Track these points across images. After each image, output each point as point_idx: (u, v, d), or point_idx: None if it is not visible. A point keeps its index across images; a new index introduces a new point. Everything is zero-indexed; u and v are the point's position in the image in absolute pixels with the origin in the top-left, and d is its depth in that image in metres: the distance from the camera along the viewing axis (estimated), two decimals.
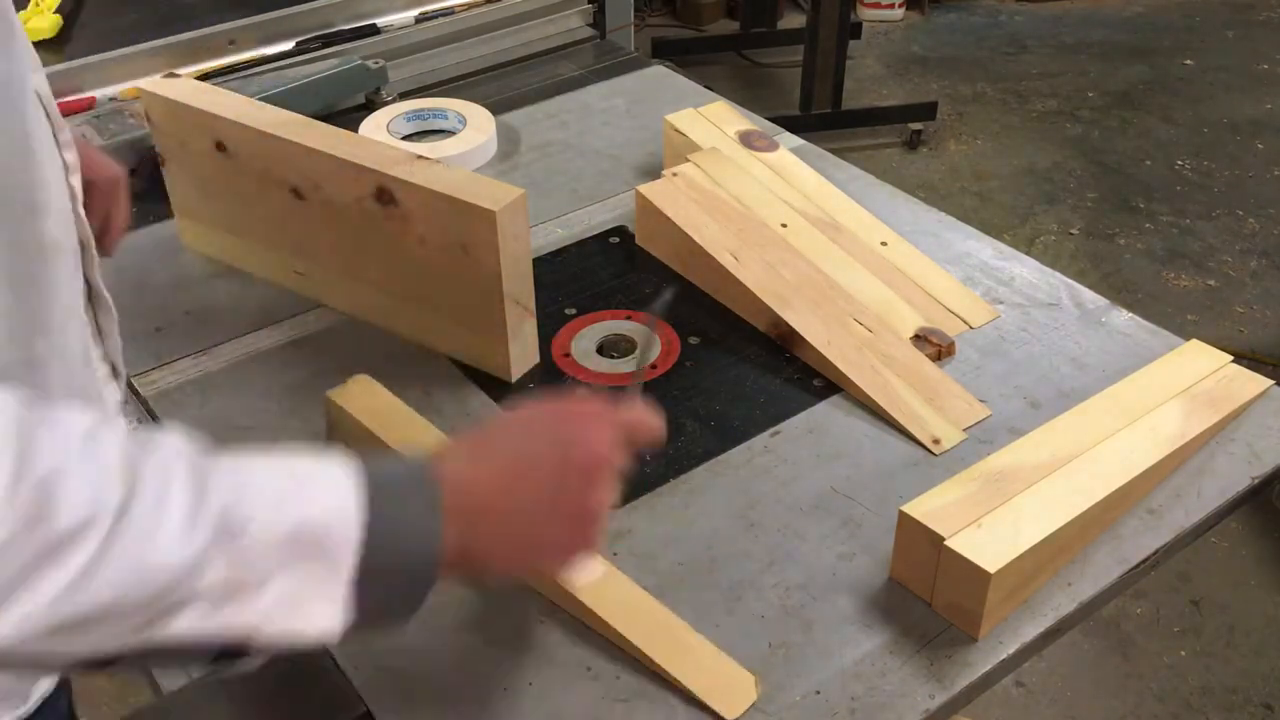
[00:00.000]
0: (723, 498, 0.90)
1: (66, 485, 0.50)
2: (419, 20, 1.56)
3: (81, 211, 0.76)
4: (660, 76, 1.54)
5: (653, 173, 1.27)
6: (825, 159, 1.33)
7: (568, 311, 1.10)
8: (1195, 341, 1.01)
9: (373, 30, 1.53)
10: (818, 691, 0.76)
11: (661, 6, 4.26)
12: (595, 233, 1.22)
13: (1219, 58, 3.95)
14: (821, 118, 3.34)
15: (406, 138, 1.36)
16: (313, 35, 1.50)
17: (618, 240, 1.21)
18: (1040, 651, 0.83)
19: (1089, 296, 1.11)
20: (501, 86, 1.54)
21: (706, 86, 1.51)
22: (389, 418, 0.91)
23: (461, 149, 1.32)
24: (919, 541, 0.79)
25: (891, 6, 4.19)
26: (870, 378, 0.99)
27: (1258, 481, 0.92)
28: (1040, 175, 3.31)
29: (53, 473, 0.50)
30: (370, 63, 1.44)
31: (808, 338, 1.02)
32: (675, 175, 1.18)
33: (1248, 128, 3.53)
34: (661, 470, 0.93)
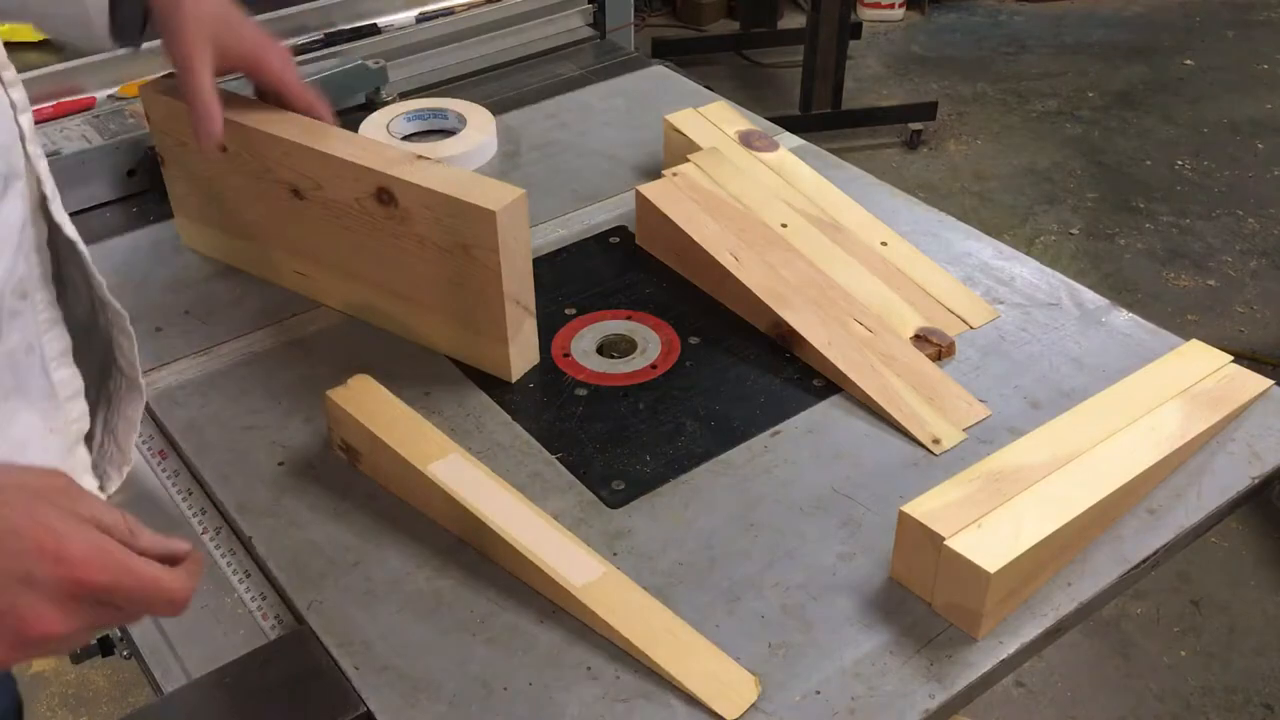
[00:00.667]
0: (723, 498, 0.90)
1: None
2: (419, 20, 1.56)
3: (35, 150, 0.74)
4: (660, 76, 1.54)
5: (653, 173, 1.27)
6: (825, 159, 1.33)
7: (568, 311, 1.10)
8: (1195, 341, 1.01)
9: (373, 30, 1.53)
10: (818, 691, 0.76)
11: (661, 6, 4.26)
12: (595, 233, 1.22)
13: (1219, 58, 3.95)
14: (821, 118, 3.35)
15: (407, 138, 1.36)
16: (313, 35, 1.50)
17: (618, 240, 1.21)
18: (1040, 651, 0.83)
19: (1089, 296, 1.12)
20: (501, 86, 1.54)
21: (706, 86, 1.51)
22: (389, 417, 0.91)
23: (461, 149, 1.32)
24: (919, 541, 0.79)
25: (891, 6, 4.19)
26: (870, 378, 0.99)
27: (1258, 481, 0.92)
28: (1040, 175, 3.31)
29: None
30: (370, 63, 1.44)
31: (808, 338, 1.02)
32: (675, 175, 1.18)
33: (1248, 128, 3.53)
34: (661, 470, 0.93)
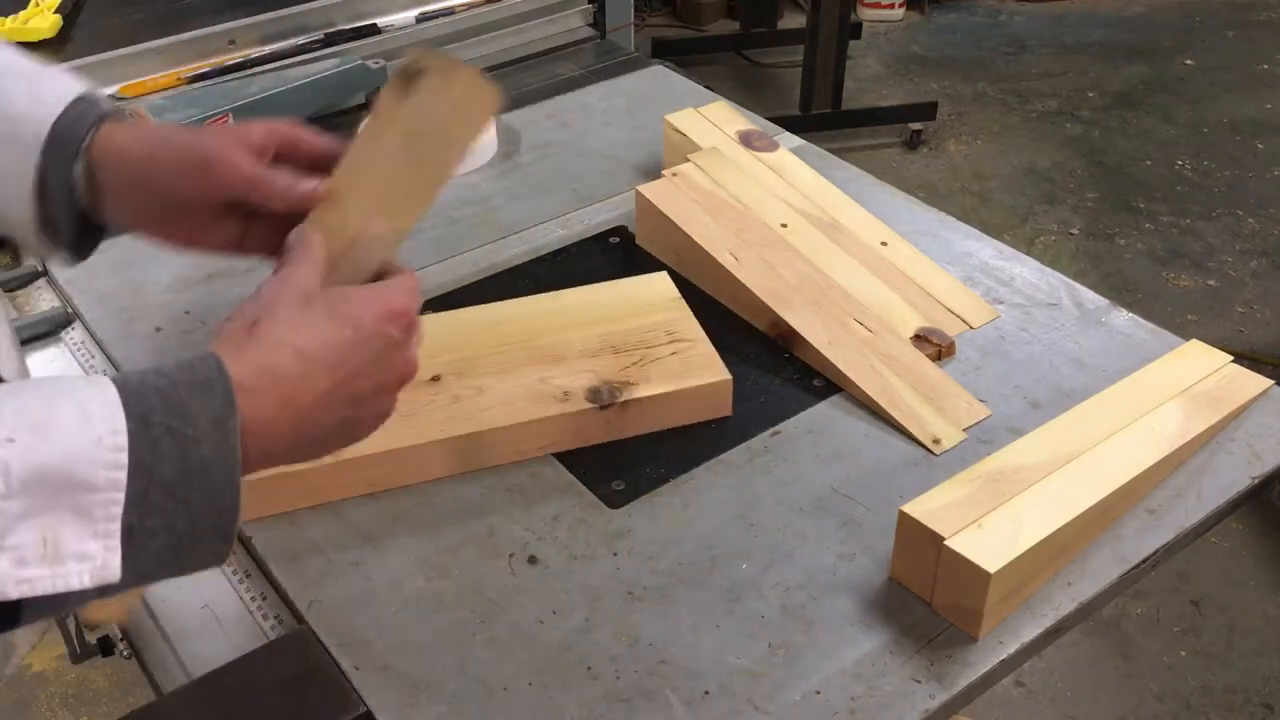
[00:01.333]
0: (723, 498, 0.90)
1: None
2: (419, 20, 1.56)
3: None
4: (660, 76, 1.54)
5: (653, 173, 1.27)
6: (825, 159, 1.33)
7: None
8: (1195, 341, 1.01)
9: (373, 30, 1.53)
10: (818, 691, 0.76)
11: (661, 6, 4.26)
12: (595, 233, 1.22)
13: (1219, 58, 3.95)
14: (821, 118, 3.35)
15: None
16: (313, 35, 1.50)
17: (618, 240, 1.21)
18: (1040, 651, 0.83)
19: (1089, 296, 1.11)
20: (501, 86, 1.53)
21: (706, 86, 1.51)
22: None
23: None
24: (919, 541, 0.79)
25: (891, 6, 4.19)
26: (870, 378, 0.99)
27: (1258, 481, 0.92)
28: (1040, 175, 3.31)
29: None
30: (370, 63, 1.44)
31: (808, 338, 1.02)
32: (675, 175, 1.18)
33: (1248, 128, 3.53)
34: (661, 470, 0.93)
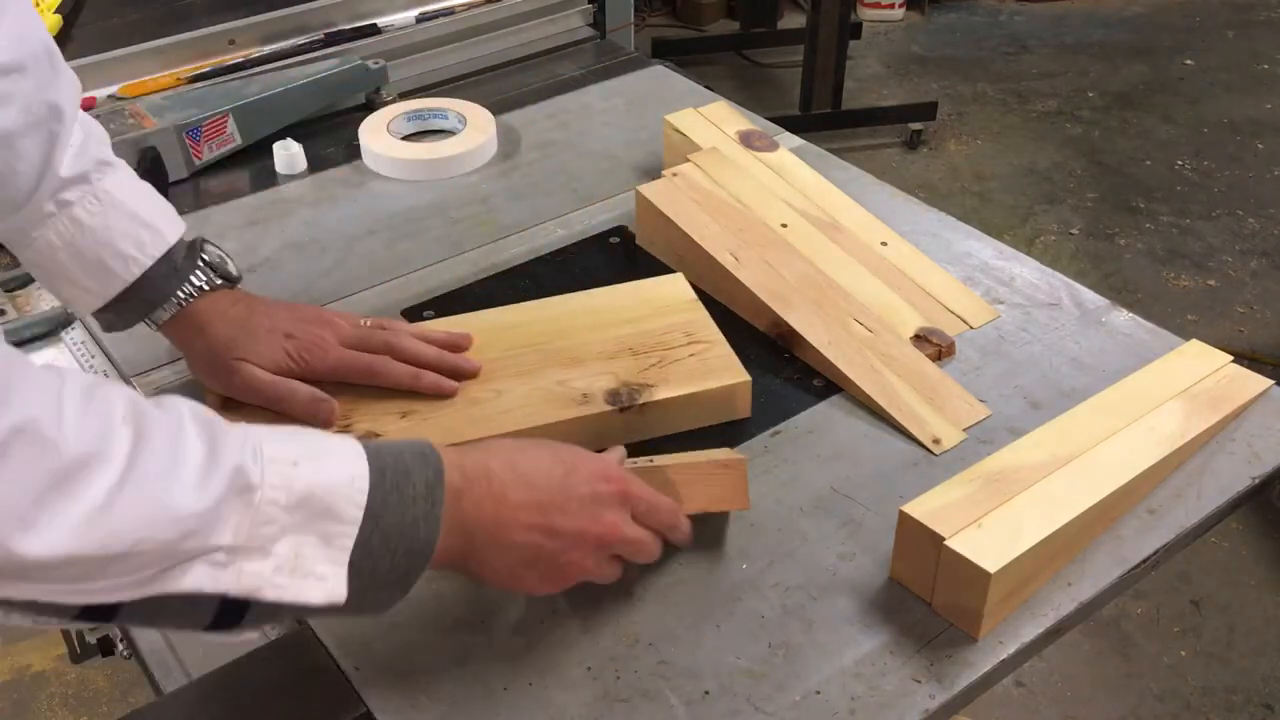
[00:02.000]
0: None
1: (64, 422, 0.51)
2: (419, 20, 1.56)
3: None
4: (660, 76, 1.54)
5: (653, 173, 1.27)
6: (825, 159, 1.33)
7: None
8: (1195, 341, 1.01)
9: (373, 30, 1.53)
10: (818, 691, 0.76)
11: (661, 6, 4.26)
12: (595, 233, 1.22)
13: (1219, 58, 3.95)
14: (821, 118, 3.35)
15: (407, 138, 1.36)
16: (313, 35, 1.50)
17: (618, 240, 1.21)
18: (1040, 651, 0.82)
19: (1089, 296, 1.11)
20: (501, 86, 1.54)
21: (706, 86, 1.51)
22: None
23: (462, 149, 1.32)
24: (919, 541, 0.79)
25: (891, 6, 4.19)
26: (870, 378, 0.99)
27: (1258, 481, 0.92)
28: (1040, 175, 3.31)
29: (36, 419, 0.50)
30: (370, 63, 1.44)
31: (808, 338, 1.02)
32: (675, 175, 1.17)
33: (1248, 128, 3.53)
34: None
